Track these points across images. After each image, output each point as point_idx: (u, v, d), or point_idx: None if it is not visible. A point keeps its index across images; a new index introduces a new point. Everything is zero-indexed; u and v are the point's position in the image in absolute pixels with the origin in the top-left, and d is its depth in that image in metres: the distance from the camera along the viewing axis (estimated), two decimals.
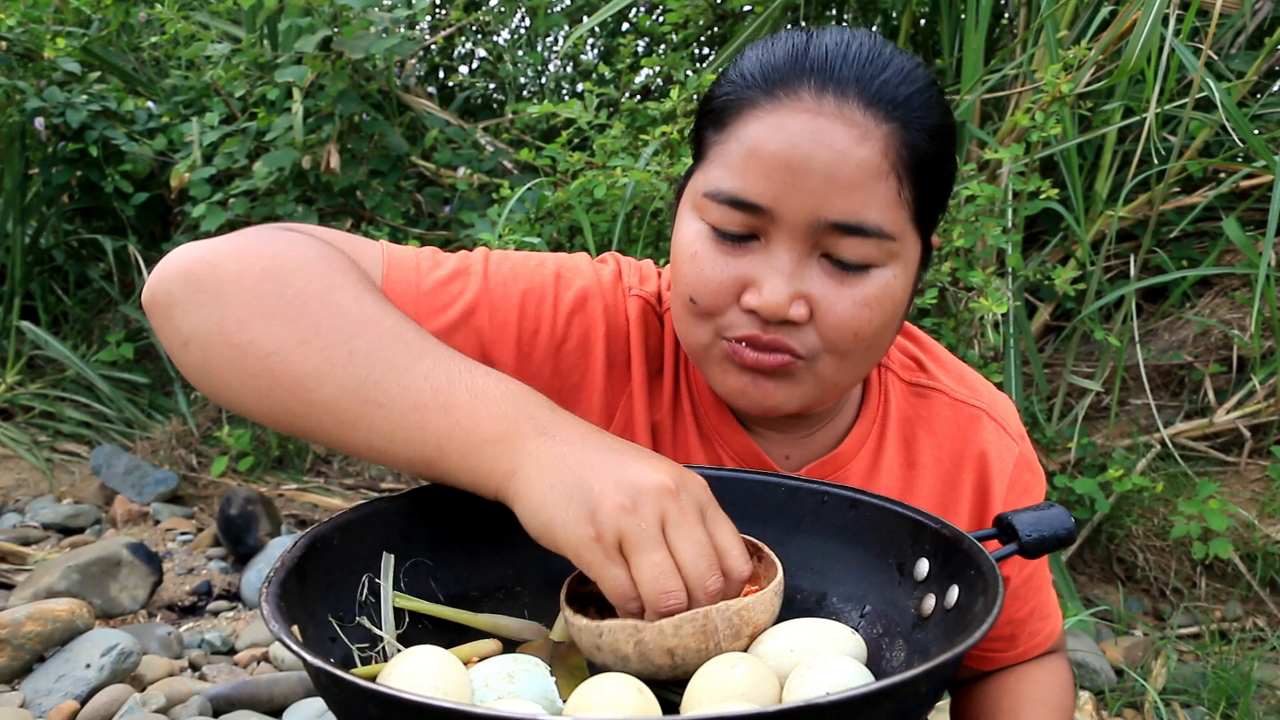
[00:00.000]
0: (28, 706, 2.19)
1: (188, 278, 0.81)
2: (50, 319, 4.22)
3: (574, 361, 0.98)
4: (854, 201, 0.84)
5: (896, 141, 0.85)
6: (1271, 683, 2.43)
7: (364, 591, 0.80)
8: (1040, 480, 1.11)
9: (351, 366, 0.77)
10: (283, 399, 0.78)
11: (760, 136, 0.85)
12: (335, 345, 0.77)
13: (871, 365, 0.94)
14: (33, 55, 3.85)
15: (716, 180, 0.88)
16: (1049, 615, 1.16)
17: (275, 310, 0.79)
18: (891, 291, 0.88)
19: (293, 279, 0.80)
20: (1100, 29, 2.56)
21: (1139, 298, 3.02)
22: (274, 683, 2.31)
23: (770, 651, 0.76)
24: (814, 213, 0.84)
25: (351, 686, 0.57)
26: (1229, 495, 2.80)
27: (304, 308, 0.79)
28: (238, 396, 0.80)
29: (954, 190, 2.37)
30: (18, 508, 3.36)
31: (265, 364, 0.78)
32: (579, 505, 0.71)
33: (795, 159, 0.84)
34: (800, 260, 0.86)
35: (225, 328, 0.79)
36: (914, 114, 0.86)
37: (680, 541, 0.71)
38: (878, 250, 0.86)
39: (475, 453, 0.75)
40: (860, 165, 0.84)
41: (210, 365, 0.80)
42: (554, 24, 4.12)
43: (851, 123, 0.84)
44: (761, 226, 0.87)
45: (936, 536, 0.79)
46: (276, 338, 0.78)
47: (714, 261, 0.88)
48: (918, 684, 0.59)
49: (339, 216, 3.51)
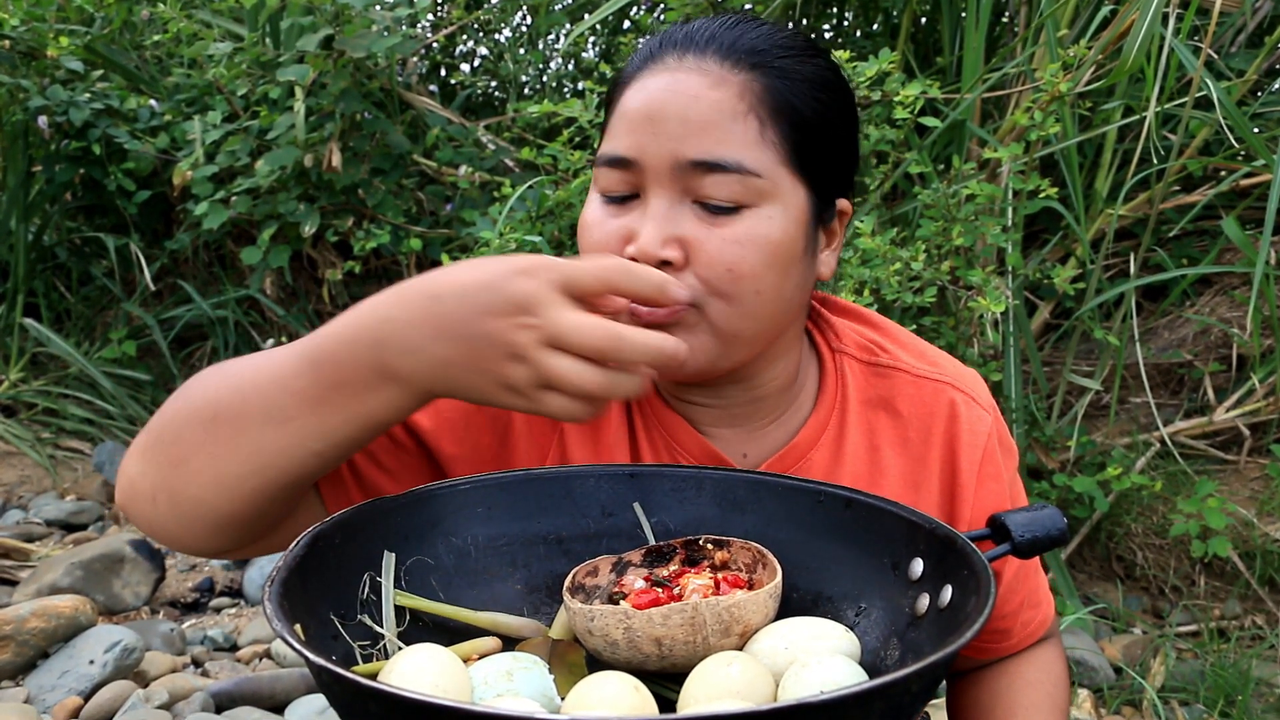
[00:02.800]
0: (31, 702, 2.20)
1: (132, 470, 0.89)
2: (53, 316, 4.22)
3: (485, 423, 1.01)
4: (709, 140, 0.89)
5: (756, 86, 0.91)
6: (1270, 680, 2.43)
7: (365, 590, 0.81)
8: (1012, 453, 1.11)
9: (249, 409, 0.82)
10: (236, 469, 0.83)
11: (628, 100, 0.94)
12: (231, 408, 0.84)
13: (771, 317, 0.95)
14: (36, 53, 3.86)
15: (602, 149, 0.96)
16: (1040, 603, 1.16)
17: (179, 433, 0.86)
18: (766, 232, 0.91)
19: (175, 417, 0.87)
20: (1100, 28, 2.56)
21: (1138, 296, 3.03)
22: (276, 679, 2.32)
23: (765, 650, 0.76)
24: (673, 154, 0.90)
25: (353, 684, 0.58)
26: (1228, 494, 2.80)
27: (190, 414, 0.86)
28: (214, 498, 0.85)
29: (949, 189, 2.38)
30: (21, 504, 3.37)
31: (206, 462, 0.84)
32: (488, 387, 0.76)
33: (653, 109, 0.91)
34: (671, 206, 0.91)
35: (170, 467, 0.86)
36: (774, 61, 0.92)
37: (561, 338, 0.74)
38: (743, 188, 0.90)
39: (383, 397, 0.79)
40: (714, 105, 0.90)
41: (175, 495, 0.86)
42: (555, 22, 4.13)
43: (705, 73, 0.91)
44: (637, 182, 0.92)
45: (931, 537, 0.80)
46: (195, 440, 0.84)
47: (602, 225, 0.95)
48: (909, 683, 0.60)
49: (340, 215, 3.51)
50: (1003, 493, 1.06)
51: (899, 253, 2.32)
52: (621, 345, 0.74)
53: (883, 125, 2.49)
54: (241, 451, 0.82)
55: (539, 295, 0.74)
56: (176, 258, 4.18)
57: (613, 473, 0.92)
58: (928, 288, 2.33)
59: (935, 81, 2.52)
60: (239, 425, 0.82)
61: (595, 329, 0.73)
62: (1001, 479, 1.06)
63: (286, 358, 0.82)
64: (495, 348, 0.74)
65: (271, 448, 0.82)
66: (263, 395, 0.82)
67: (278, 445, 0.82)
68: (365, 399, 0.79)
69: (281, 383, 0.81)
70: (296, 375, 0.81)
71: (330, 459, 0.83)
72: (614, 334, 0.74)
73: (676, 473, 0.92)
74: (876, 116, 2.50)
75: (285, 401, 0.81)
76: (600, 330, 0.73)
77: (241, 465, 0.83)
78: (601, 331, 0.73)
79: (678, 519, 0.90)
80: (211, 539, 0.88)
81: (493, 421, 1.02)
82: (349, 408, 0.80)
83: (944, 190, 2.39)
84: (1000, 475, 1.06)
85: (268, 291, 3.79)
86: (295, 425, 0.81)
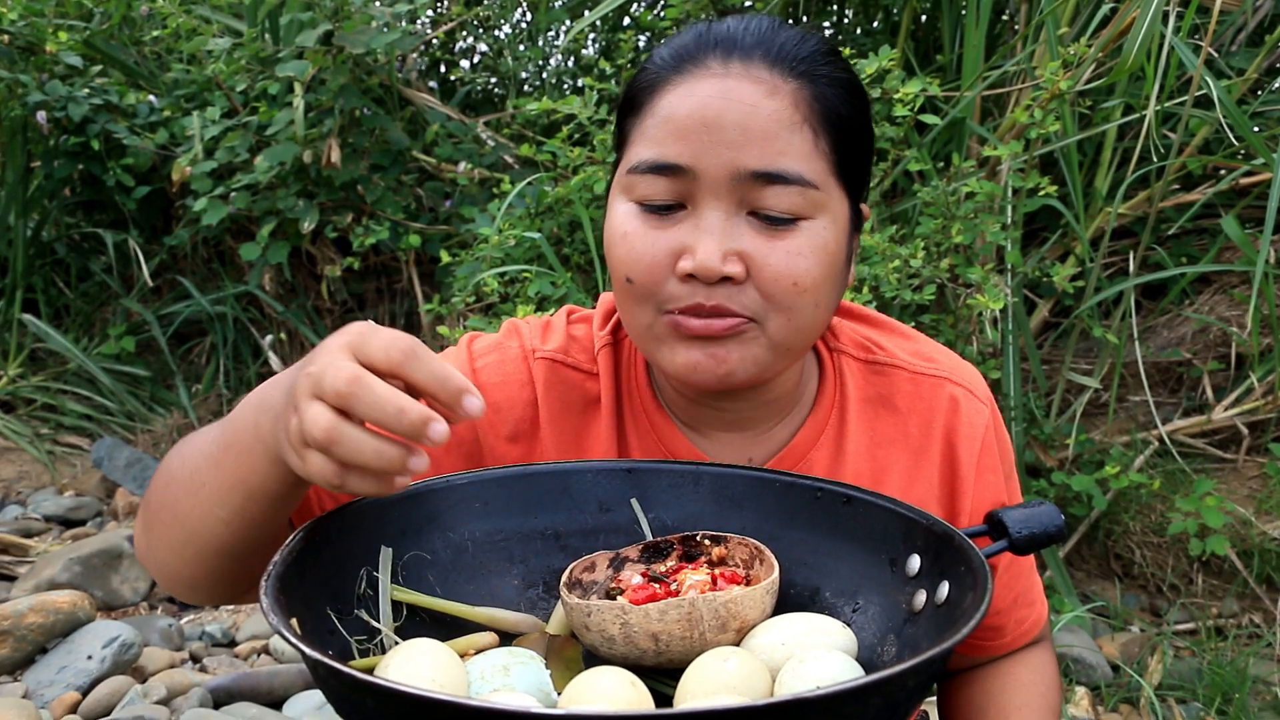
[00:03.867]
0: (30, 697, 2.20)
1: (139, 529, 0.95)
2: (52, 312, 4.22)
3: (467, 452, 1.01)
4: (771, 150, 0.86)
5: (806, 95, 0.88)
6: (1267, 679, 2.44)
7: (362, 585, 0.81)
8: (1007, 444, 1.11)
9: (183, 475, 0.87)
10: (176, 536, 0.88)
11: (674, 104, 0.89)
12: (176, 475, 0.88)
13: (820, 324, 0.94)
14: (35, 49, 3.86)
15: (639, 154, 0.90)
16: (1034, 602, 1.16)
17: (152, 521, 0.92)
18: (824, 243, 0.89)
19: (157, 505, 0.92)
20: (1100, 26, 2.56)
21: (1138, 294, 3.03)
22: (274, 675, 2.32)
23: (763, 645, 0.76)
24: (733, 164, 0.86)
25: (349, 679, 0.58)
26: (1226, 492, 2.80)
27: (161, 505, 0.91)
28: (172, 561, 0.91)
29: (949, 187, 2.38)
30: (19, 500, 3.38)
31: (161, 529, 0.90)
32: (284, 445, 0.73)
33: (709, 116, 0.87)
34: (728, 218, 0.88)
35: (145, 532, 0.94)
36: (819, 68, 0.90)
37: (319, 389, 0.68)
38: (802, 199, 0.88)
39: (254, 461, 0.79)
40: (772, 116, 0.87)
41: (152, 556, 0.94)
42: (555, 19, 4.12)
43: (759, 80, 0.88)
44: (686, 191, 0.88)
45: (928, 533, 0.80)
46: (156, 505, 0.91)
47: (644, 237, 0.90)
48: (905, 678, 0.60)
49: (340, 210, 3.51)
50: (1000, 484, 1.06)
51: (898, 250, 2.32)
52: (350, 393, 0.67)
53: (883, 123, 2.49)
54: (177, 520, 0.87)
55: (327, 346, 0.71)
56: (175, 253, 4.18)
57: (610, 468, 0.92)
58: (927, 285, 2.34)
59: (935, 79, 2.52)
60: (177, 493, 0.87)
61: (341, 370, 0.67)
62: (998, 470, 1.07)
63: (213, 427, 0.87)
64: (287, 396, 0.72)
65: (192, 515, 0.85)
66: (191, 464, 0.86)
67: (195, 513, 0.85)
68: (243, 461, 0.80)
69: (203, 448, 0.85)
70: (211, 441, 0.84)
71: (237, 529, 0.83)
72: (356, 378, 0.67)
73: (674, 468, 0.92)
74: (876, 114, 2.50)
75: (201, 466, 0.84)
76: (346, 373, 0.67)
77: (177, 533, 0.87)
78: (346, 374, 0.67)
79: (675, 515, 0.90)
80: (195, 594, 0.93)
81: (463, 460, 1.01)
82: (233, 470, 0.80)
83: (943, 188, 2.39)
84: (997, 467, 1.07)
85: (267, 287, 3.79)
86: (205, 492, 0.83)
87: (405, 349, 0.69)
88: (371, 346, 0.69)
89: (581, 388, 1.04)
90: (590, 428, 1.03)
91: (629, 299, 0.92)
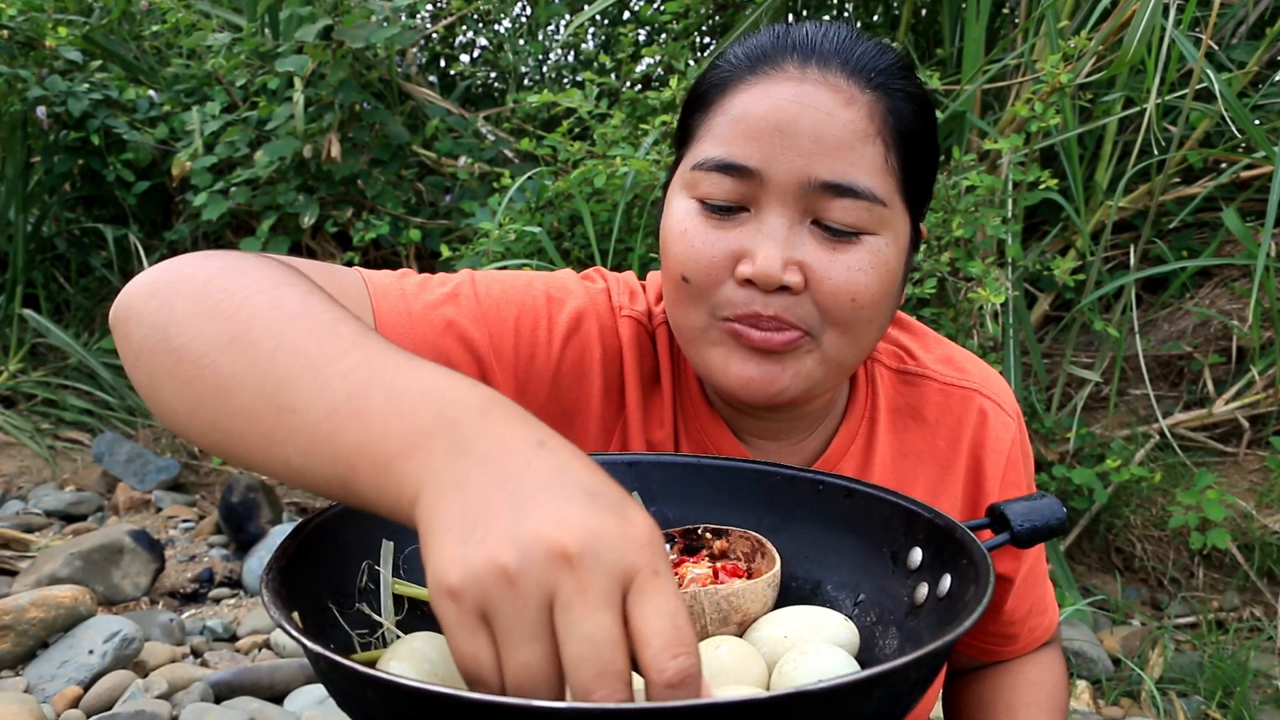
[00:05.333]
0: (31, 692, 2.20)
1: (147, 290, 0.74)
2: (52, 307, 4.22)
3: (570, 385, 0.97)
4: (843, 162, 0.85)
5: (881, 108, 0.87)
6: (1268, 672, 2.44)
7: (364, 578, 0.81)
8: (1030, 457, 1.11)
9: (271, 365, 0.64)
10: (209, 411, 0.66)
11: (747, 104, 0.87)
12: (262, 341, 0.65)
13: (873, 342, 0.93)
14: (34, 44, 3.85)
15: (705, 151, 0.88)
16: (1047, 609, 1.17)
17: (215, 308, 0.69)
18: (885, 260, 0.88)
19: (241, 279, 0.71)
20: (1101, 19, 2.55)
21: (1138, 288, 3.03)
22: (275, 669, 2.32)
23: (764, 638, 0.76)
24: (803, 172, 0.85)
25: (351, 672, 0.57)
26: (1227, 485, 2.80)
27: (244, 302, 0.68)
28: (175, 413, 0.69)
29: (949, 181, 2.38)
30: (20, 495, 3.38)
31: (195, 368, 0.67)
32: (457, 547, 0.52)
33: (783, 121, 0.85)
34: (792, 227, 0.86)
35: (167, 332, 0.69)
36: (895, 82, 0.88)
37: (567, 631, 0.50)
38: (868, 215, 0.86)
39: (384, 471, 0.58)
40: (848, 126, 0.85)
41: (154, 378, 0.70)
42: (555, 13, 4.12)
43: (836, 88, 0.86)
44: (751, 194, 0.87)
45: (930, 526, 0.80)
46: (209, 338, 0.67)
47: (704, 236, 0.88)
48: (908, 672, 0.59)
49: (340, 205, 3.51)
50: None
51: None
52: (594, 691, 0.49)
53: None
54: (225, 408, 0.66)
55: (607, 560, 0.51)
56: (176, 248, 4.18)
57: (611, 461, 0.91)
58: (928, 279, 2.33)
59: (936, 73, 2.52)
60: (240, 382, 0.65)
61: (599, 652, 0.49)
62: (1022, 485, 1.07)
63: (338, 370, 0.62)
64: (513, 540, 0.51)
65: (254, 433, 0.65)
66: (281, 381, 0.63)
67: (260, 431, 0.64)
68: (367, 494, 0.60)
69: (316, 360, 0.63)
70: (328, 410, 0.61)
71: (298, 481, 0.64)
72: (606, 672, 0.49)
73: (675, 461, 0.92)
74: None
75: (303, 381, 0.63)
76: (599, 659, 0.49)
77: (220, 421, 0.66)
78: (597, 664, 0.49)
79: (677, 508, 0.90)
80: (168, 425, 0.72)
81: (552, 384, 0.96)
82: (350, 486, 0.61)
83: (944, 181, 2.39)
84: (1021, 481, 1.07)
85: None
86: (290, 417, 0.63)
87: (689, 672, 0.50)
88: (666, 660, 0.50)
89: (653, 359, 1.02)
90: (654, 404, 1.01)
91: (682, 298, 0.90)
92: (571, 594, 0.50)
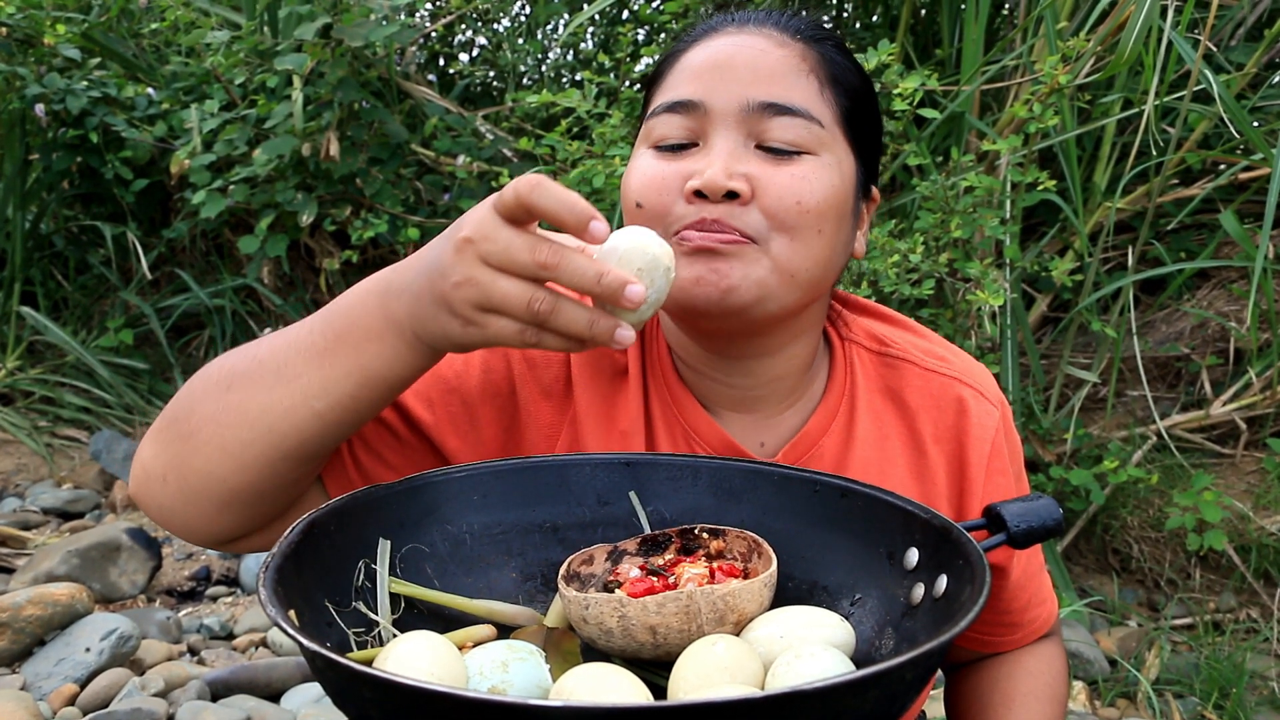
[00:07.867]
0: (28, 689, 2.20)
1: (146, 444, 0.93)
2: (50, 304, 4.22)
3: (491, 414, 1.01)
4: (779, 86, 0.93)
5: (813, 53, 0.96)
6: (1264, 674, 2.44)
7: (360, 577, 0.81)
8: (1017, 446, 1.11)
9: (264, 370, 0.87)
10: (243, 432, 0.86)
11: (690, 57, 0.97)
12: (247, 369, 0.88)
13: (823, 259, 0.95)
14: (33, 41, 3.85)
15: (660, 99, 0.97)
16: (1045, 599, 1.17)
17: (203, 392, 0.90)
18: (829, 176, 0.94)
19: (198, 379, 0.92)
20: (1100, 20, 2.56)
21: (1136, 289, 3.03)
22: (272, 667, 2.32)
23: (761, 638, 0.77)
24: (742, 96, 0.93)
25: (347, 670, 0.58)
26: (1224, 487, 2.81)
27: (221, 368, 0.90)
28: (227, 472, 0.87)
29: (947, 181, 2.38)
30: (18, 492, 3.37)
31: (220, 423, 0.87)
32: (443, 317, 0.78)
33: (721, 59, 0.95)
34: (736, 147, 0.93)
35: (179, 430, 0.90)
36: (825, 37, 0.99)
37: (494, 255, 0.74)
38: (808, 134, 0.93)
39: (379, 338, 0.83)
40: (782, 60, 0.95)
41: (197, 468, 0.89)
42: (554, 12, 4.12)
43: (769, 36, 0.97)
44: (699, 128, 0.94)
45: (926, 526, 0.80)
46: (211, 403, 0.88)
47: (656, 166, 0.95)
48: (903, 671, 0.60)
49: (338, 204, 3.51)
50: (1009, 486, 1.06)
51: (897, 245, 2.31)
52: (554, 265, 0.72)
53: (881, 117, 2.49)
54: (249, 414, 0.85)
55: (476, 214, 0.75)
56: (174, 246, 4.18)
57: (609, 461, 0.92)
58: (926, 280, 2.33)
59: (934, 73, 2.51)
60: (250, 389, 0.86)
61: (522, 241, 0.73)
62: (1008, 473, 1.07)
63: (302, 323, 0.88)
64: (444, 273, 0.76)
65: (277, 408, 0.85)
66: (275, 357, 0.86)
67: (283, 404, 0.85)
68: (365, 348, 0.82)
69: (294, 343, 0.86)
70: (309, 333, 0.86)
71: (330, 423, 0.85)
72: (535, 247, 0.73)
73: (673, 461, 0.92)
74: None
75: (293, 359, 0.85)
76: (527, 243, 0.73)
77: (248, 429, 0.85)
78: (527, 243, 0.73)
79: (674, 508, 0.90)
80: (216, 518, 0.89)
81: (498, 413, 1.01)
82: (350, 358, 0.83)
83: (942, 182, 2.39)
84: (1007, 470, 1.07)
85: (265, 280, 3.78)
86: (300, 382, 0.84)
87: (532, 182, 0.73)
88: (504, 200, 0.74)
89: (610, 355, 1.05)
90: (619, 396, 1.03)
91: (639, 224, 0.92)
92: (485, 247, 0.74)
